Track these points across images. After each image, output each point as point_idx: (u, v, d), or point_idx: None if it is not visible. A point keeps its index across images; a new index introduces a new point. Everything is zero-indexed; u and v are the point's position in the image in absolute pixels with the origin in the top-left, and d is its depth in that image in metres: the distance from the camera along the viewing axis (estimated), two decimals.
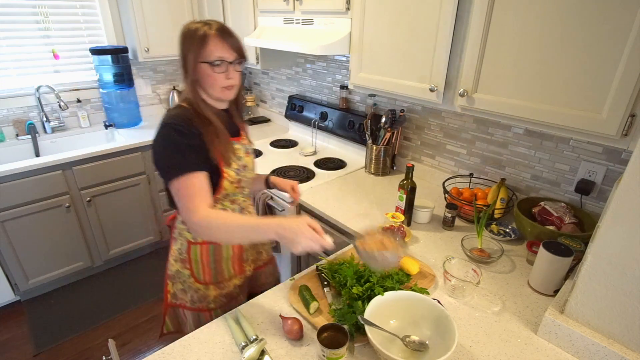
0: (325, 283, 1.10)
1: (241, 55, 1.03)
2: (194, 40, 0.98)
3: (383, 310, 0.93)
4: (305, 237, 0.85)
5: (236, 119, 1.17)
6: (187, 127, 0.98)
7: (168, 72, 3.04)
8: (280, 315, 1.00)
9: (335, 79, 2.30)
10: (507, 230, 1.41)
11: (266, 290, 1.13)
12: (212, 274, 1.18)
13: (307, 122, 2.42)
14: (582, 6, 0.93)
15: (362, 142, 2.06)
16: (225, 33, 1.00)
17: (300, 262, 1.82)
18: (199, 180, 0.98)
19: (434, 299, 1.07)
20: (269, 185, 1.38)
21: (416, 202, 1.48)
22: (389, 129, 1.84)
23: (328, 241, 0.88)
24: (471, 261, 1.21)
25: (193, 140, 0.99)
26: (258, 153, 2.27)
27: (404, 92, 1.46)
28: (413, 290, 1.04)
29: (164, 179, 1.00)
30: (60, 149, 2.52)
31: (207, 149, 1.01)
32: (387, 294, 0.96)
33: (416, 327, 0.93)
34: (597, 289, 0.87)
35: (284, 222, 0.88)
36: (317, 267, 1.17)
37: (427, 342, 0.88)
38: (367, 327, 0.85)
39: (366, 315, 0.89)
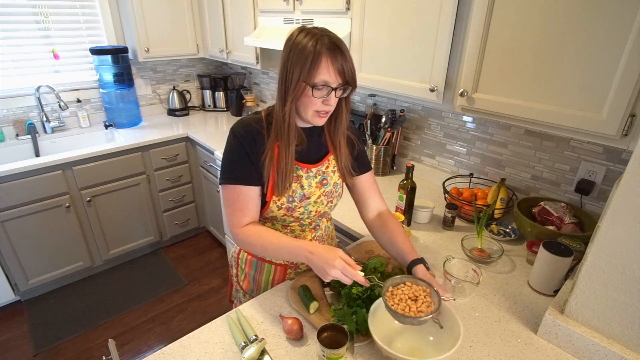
0: (326, 283, 1.10)
1: (346, 82, 0.91)
2: (302, 55, 0.86)
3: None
4: (335, 269, 0.85)
5: (332, 140, 1.06)
6: (249, 138, 0.96)
7: (168, 72, 3.04)
8: (280, 315, 1.00)
9: None
10: (507, 230, 1.41)
11: None
12: (250, 286, 1.20)
13: None
14: (582, 6, 0.93)
15: (362, 142, 2.05)
16: (337, 52, 0.87)
17: None
18: (244, 195, 0.98)
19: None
20: (409, 271, 1.00)
21: (416, 202, 1.48)
22: (389, 129, 1.84)
23: (360, 278, 0.86)
24: (471, 261, 1.21)
25: (249, 152, 0.96)
26: None
27: (404, 92, 1.46)
28: None
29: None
30: (60, 149, 2.52)
31: (262, 167, 0.97)
32: None
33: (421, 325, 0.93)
34: (597, 289, 0.87)
35: (316, 250, 0.89)
36: None
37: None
38: (370, 326, 0.85)
39: (370, 314, 0.89)
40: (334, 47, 0.87)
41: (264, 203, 1.02)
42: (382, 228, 1.11)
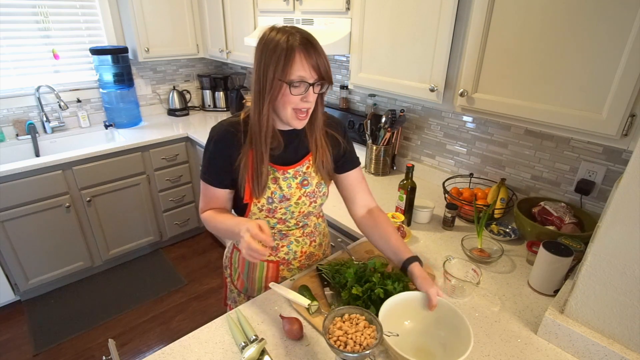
0: (325, 283, 1.10)
1: (322, 77, 0.89)
2: (275, 53, 0.85)
3: (397, 311, 0.92)
4: (243, 239, 0.83)
5: (311, 141, 1.04)
6: (225, 141, 0.97)
7: (168, 72, 3.04)
8: (280, 315, 1.00)
9: (335, 79, 2.30)
10: (507, 230, 1.41)
11: None
12: (244, 285, 1.21)
13: None
14: (582, 6, 0.93)
15: (362, 142, 2.06)
16: (310, 47, 0.86)
17: None
18: (212, 193, 1.04)
19: None
20: (404, 269, 1.01)
21: (416, 202, 1.48)
22: (389, 129, 1.84)
23: (263, 237, 0.83)
24: (471, 261, 1.21)
25: (221, 158, 0.98)
26: None
27: (404, 92, 1.46)
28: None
29: None
30: (60, 149, 2.52)
31: (237, 172, 0.98)
32: (402, 294, 0.94)
33: (430, 327, 0.92)
34: (597, 289, 0.87)
35: (236, 227, 0.90)
36: (317, 267, 1.17)
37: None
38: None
39: (381, 314, 0.87)
40: (306, 42, 0.86)
41: (245, 205, 1.03)
42: (372, 225, 1.11)
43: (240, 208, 1.06)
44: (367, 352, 0.77)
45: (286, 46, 0.84)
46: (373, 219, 1.11)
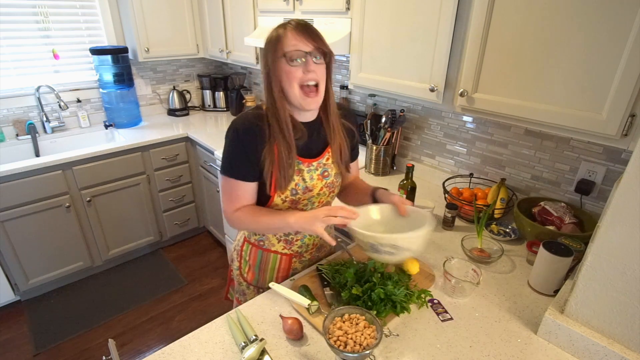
0: (325, 283, 1.10)
1: (319, 47, 0.91)
2: (271, 41, 0.92)
3: (374, 225, 1.04)
4: (319, 219, 0.92)
5: (329, 132, 1.05)
6: (250, 135, 0.96)
7: (168, 72, 3.04)
8: (280, 315, 1.00)
9: (335, 79, 2.30)
10: (507, 230, 1.41)
11: None
12: (255, 277, 1.22)
13: None
14: (582, 6, 0.93)
15: (362, 142, 2.06)
16: (301, 27, 0.91)
17: None
18: (240, 189, 1.01)
19: (434, 299, 1.08)
20: (375, 200, 1.11)
21: (416, 202, 1.48)
22: (389, 129, 1.84)
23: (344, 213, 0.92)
24: (471, 261, 1.21)
25: (248, 150, 0.97)
26: None
27: (404, 92, 1.46)
28: (413, 292, 1.04)
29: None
30: (60, 149, 2.52)
31: (263, 164, 0.98)
32: (373, 208, 1.06)
33: (401, 230, 0.97)
34: (597, 289, 0.87)
35: (295, 216, 0.96)
36: (317, 267, 1.17)
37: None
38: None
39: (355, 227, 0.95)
40: (298, 24, 0.91)
41: (268, 197, 1.03)
42: (345, 187, 1.22)
43: (261, 202, 1.07)
44: (367, 352, 0.77)
45: (279, 31, 0.92)
46: (347, 184, 1.22)
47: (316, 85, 0.94)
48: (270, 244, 1.16)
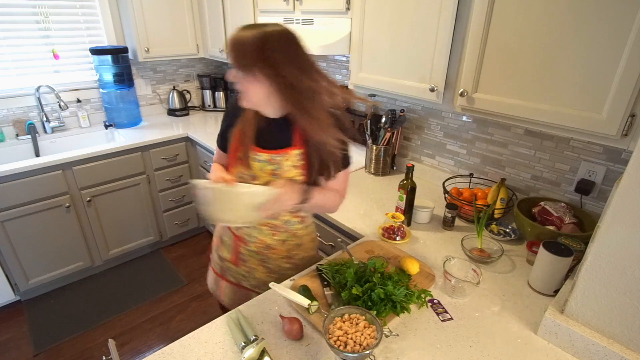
0: (325, 283, 1.10)
1: (236, 64, 0.93)
2: None
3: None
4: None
5: (296, 138, 1.04)
6: (229, 111, 1.16)
7: (168, 72, 3.04)
8: (280, 315, 1.00)
9: (335, 79, 2.30)
10: (507, 230, 1.41)
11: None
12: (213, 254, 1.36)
13: None
14: (582, 6, 0.93)
15: (362, 142, 2.06)
16: (230, 41, 0.94)
17: None
18: (218, 154, 1.23)
19: (434, 299, 1.08)
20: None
21: (416, 202, 1.48)
22: (389, 129, 1.84)
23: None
24: (471, 261, 1.21)
25: (224, 125, 1.16)
26: None
27: (404, 92, 1.46)
28: (413, 292, 1.04)
29: None
30: (60, 149, 2.52)
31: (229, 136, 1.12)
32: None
33: None
34: (597, 289, 0.87)
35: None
36: (317, 267, 1.17)
37: None
38: None
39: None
40: (231, 38, 0.94)
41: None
42: None
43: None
44: (367, 352, 0.77)
45: None
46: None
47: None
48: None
